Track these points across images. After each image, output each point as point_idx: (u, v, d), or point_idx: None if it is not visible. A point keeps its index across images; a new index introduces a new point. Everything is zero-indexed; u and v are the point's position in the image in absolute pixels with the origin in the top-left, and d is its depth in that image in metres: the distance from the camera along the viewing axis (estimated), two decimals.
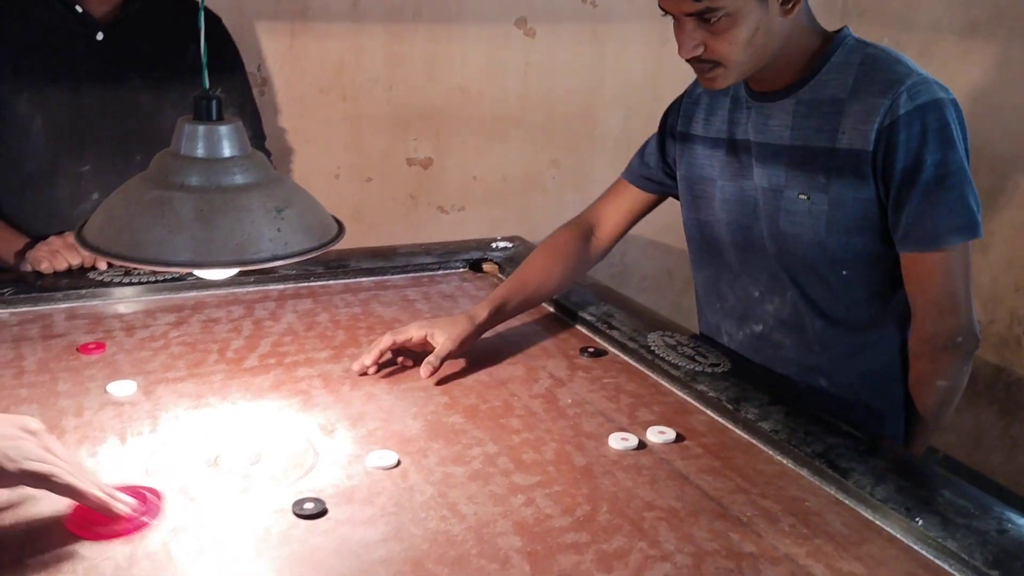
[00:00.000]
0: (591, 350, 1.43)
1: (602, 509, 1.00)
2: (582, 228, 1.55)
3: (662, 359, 1.36)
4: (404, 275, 1.77)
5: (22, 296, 1.48)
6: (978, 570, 0.89)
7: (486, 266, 1.85)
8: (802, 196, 1.28)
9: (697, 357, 1.37)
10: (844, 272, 1.30)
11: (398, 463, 1.07)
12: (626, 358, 1.41)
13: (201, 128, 0.93)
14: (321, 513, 0.96)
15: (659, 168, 1.52)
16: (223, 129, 0.94)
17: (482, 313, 1.40)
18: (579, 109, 2.91)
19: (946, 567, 0.92)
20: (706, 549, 0.94)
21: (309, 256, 0.94)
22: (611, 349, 1.45)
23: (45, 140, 1.65)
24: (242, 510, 0.97)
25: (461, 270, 1.82)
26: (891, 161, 1.21)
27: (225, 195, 0.91)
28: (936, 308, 1.26)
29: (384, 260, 1.79)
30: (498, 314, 1.43)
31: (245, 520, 0.95)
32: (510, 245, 1.91)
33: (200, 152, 0.93)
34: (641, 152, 1.56)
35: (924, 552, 0.94)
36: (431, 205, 2.83)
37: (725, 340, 1.48)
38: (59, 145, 1.65)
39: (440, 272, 1.80)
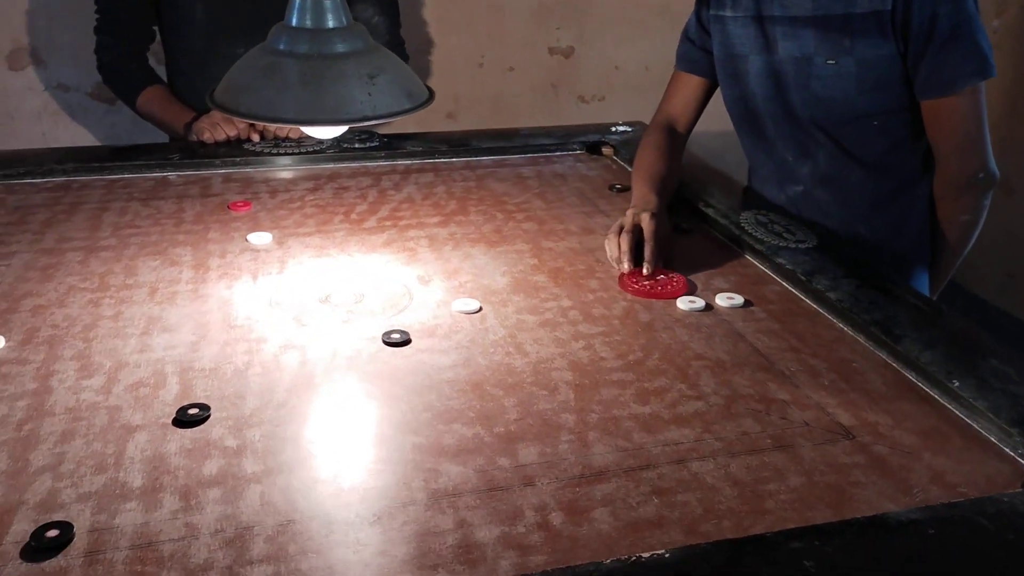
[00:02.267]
0: (684, 226, 1.50)
1: (653, 356, 1.10)
2: (664, 127, 1.66)
3: (749, 235, 1.41)
4: (522, 155, 1.88)
5: (186, 161, 1.72)
6: (1001, 427, 0.93)
7: (604, 149, 1.92)
8: (830, 61, 1.40)
9: (785, 234, 1.41)
10: (875, 123, 1.42)
11: (479, 309, 1.21)
12: (716, 233, 1.47)
13: (309, 2, 1.06)
14: (405, 343, 1.12)
15: (703, 52, 1.62)
16: (327, 3, 1.07)
17: (653, 196, 1.43)
18: None
19: (972, 423, 0.96)
20: (741, 393, 1.02)
21: (397, 117, 1.06)
22: (704, 225, 1.51)
23: (205, 25, 1.86)
24: (342, 336, 1.14)
25: (578, 152, 1.91)
26: (908, 17, 1.32)
27: (325, 62, 1.04)
28: (956, 149, 1.39)
29: (504, 140, 1.90)
30: (663, 194, 1.46)
31: (343, 344, 1.12)
32: (629, 129, 1.97)
33: (307, 23, 1.06)
34: (684, 39, 1.67)
35: (954, 410, 0.98)
36: (572, 95, 2.90)
37: (774, 203, 1.60)
38: (217, 30, 1.86)
39: (557, 153, 1.90)
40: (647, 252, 1.30)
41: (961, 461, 0.91)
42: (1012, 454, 0.92)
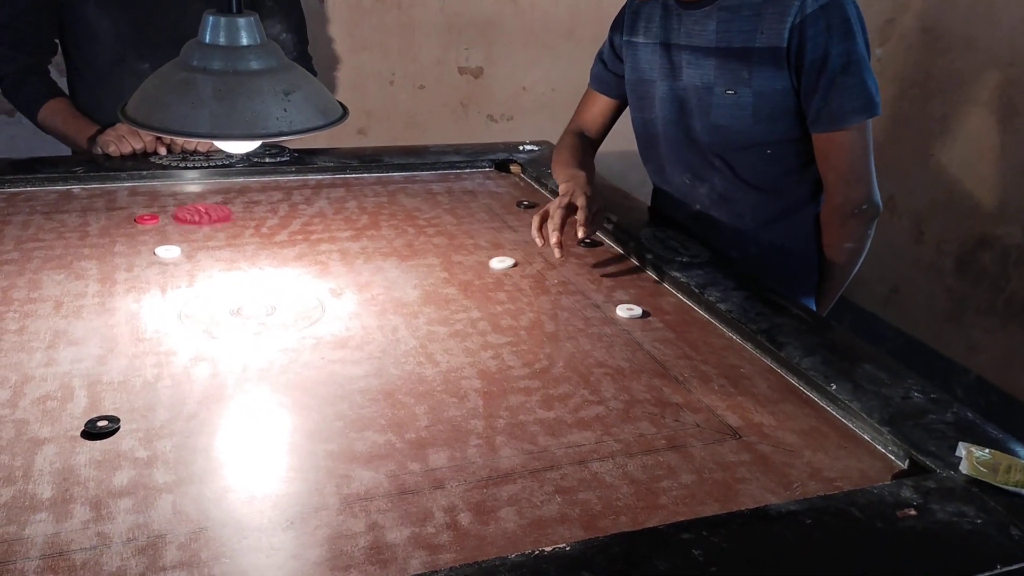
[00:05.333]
0: (588, 241, 1.57)
1: (558, 364, 1.15)
2: (577, 132, 1.77)
3: (648, 250, 1.49)
4: (432, 171, 1.92)
5: (91, 174, 1.70)
6: (873, 427, 1.02)
7: (512, 167, 1.98)
8: (729, 91, 1.47)
9: (680, 249, 1.49)
10: (768, 151, 1.51)
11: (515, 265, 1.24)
12: (617, 248, 1.55)
13: (223, 19, 1.08)
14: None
15: (614, 75, 1.71)
16: (241, 21, 1.09)
17: (580, 171, 1.58)
18: None
19: (847, 423, 1.05)
20: (638, 398, 1.08)
21: (311, 133, 1.09)
22: (606, 241, 1.58)
23: (111, 41, 1.84)
24: (254, 348, 1.16)
25: (487, 169, 1.96)
26: (802, 54, 1.40)
27: (240, 78, 1.06)
28: (843, 180, 1.47)
29: (415, 157, 1.94)
30: (587, 172, 1.60)
31: (255, 355, 1.14)
32: (536, 148, 2.04)
33: (221, 40, 1.08)
34: (598, 60, 1.75)
35: (832, 411, 1.07)
36: (481, 114, 2.96)
37: (673, 220, 1.69)
38: (123, 44, 1.85)
39: (467, 171, 1.95)
40: (580, 216, 1.41)
41: (838, 458, 0.99)
42: (883, 451, 1.00)
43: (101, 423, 0.97)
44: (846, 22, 1.38)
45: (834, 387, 1.08)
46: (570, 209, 1.43)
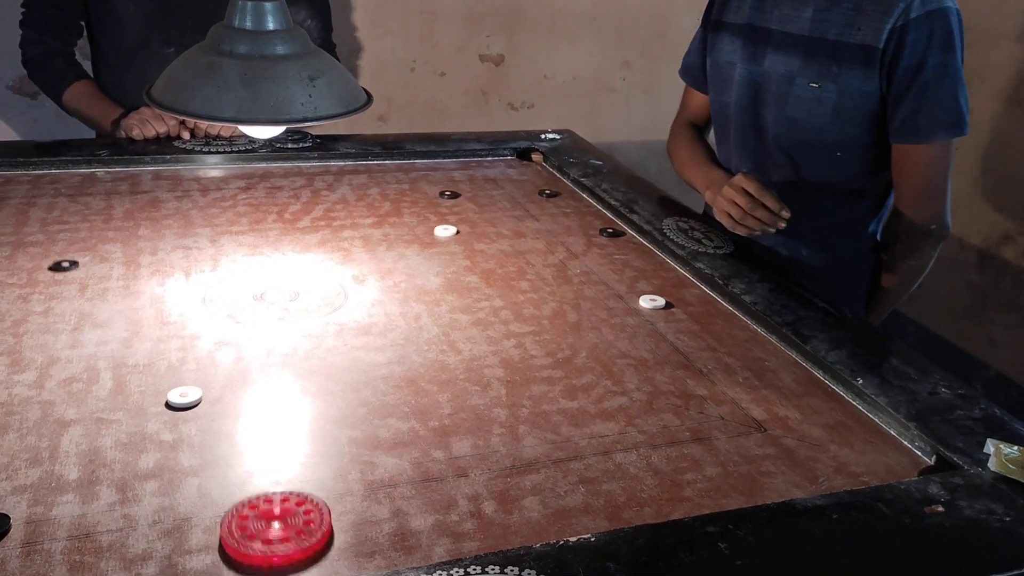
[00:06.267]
0: (610, 231, 1.56)
1: (580, 354, 1.15)
2: (687, 123, 1.73)
3: (671, 240, 1.48)
4: (454, 159, 1.92)
5: (116, 158, 1.70)
6: (900, 421, 1.01)
7: (533, 155, 1.97)
8: (813, 84, 1.41)
9: (704, 240, 1.48)
10: (838, 154, 1.44)
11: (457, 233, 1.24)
12: (640, 239, 1.54)
13: (249, 3, 1.07)
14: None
15: (701, 66, 1.64)
16: (268, 5, 1.08)
17: (717, 169, 1.57)
18: (653, 11, 2.94)
19: (873, 418, 1.04)
20: (662, 390, 1.08)
21: (335, 119, 1.09)
22: (628, 231, 1.57)
23: (137, 23, 1.84)
24: (277, 333, 1.16)
25: (508, 157, 1.96)
26: (898, 59, 1.33)
27: (265, 63, 1.06)
28: (916, 196, 1.40)
29: (436, 144, 1.94)
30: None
31: (278, 341, 1.14)
32: (558, 137, 2.03)
33: (248, 25, 1.08)
34: (689, 51, 1.69)
35: (858, 405, 1.06)
36: (501, 102, 2.94)
37: None
38: (149, 28, 1.85)
39: (488, 159, 1.94)
40: (771, 203, 1.36)
41: (863, 452, 0.98)
42: (909, 446, 0.99)
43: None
44: (948, 33, 1.32)
45: (860, 381, 1.07)
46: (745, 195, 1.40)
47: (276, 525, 0.79)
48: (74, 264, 1.06)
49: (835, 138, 1.42)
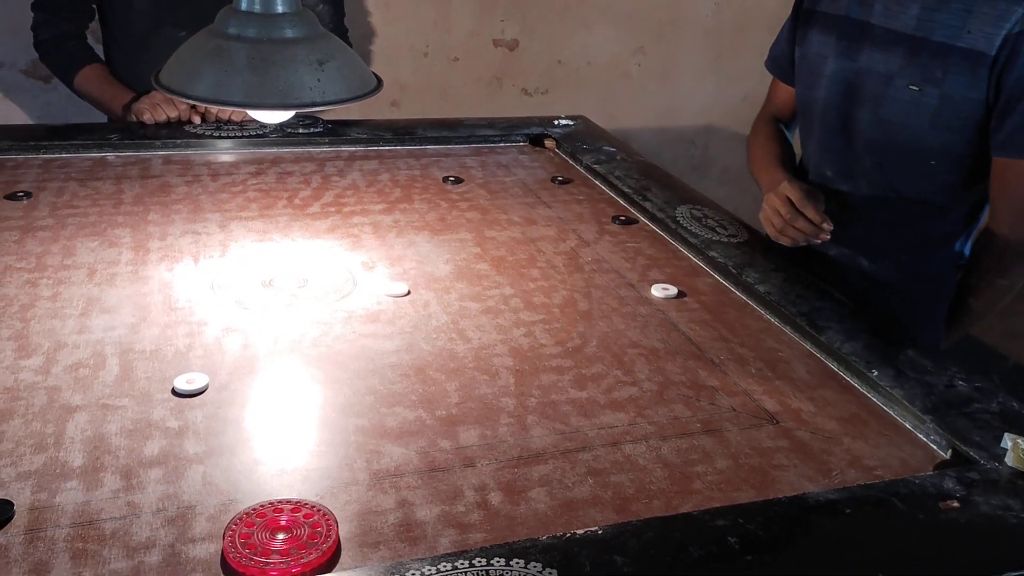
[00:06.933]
0: (622, 219, 1.54)
1: (591, 344, 1.14)
2: (769, 118, 1.65)
3: (684, 228, 1.46)
4: (466, 145, 1.90)
5: (126, 142, 1.69)
6: (915, 415, 0.99)
7: (547, 142, 1.95)
8: (913, 87, 1.32)
9: (718, 228, 1.46)
10: (933, 163, 1.35)
11: (408, 293, 1.23)
12: (653, 227, 1.52)
13: None
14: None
15: (790, 59, 1.55)
16: None
17: (779, 173, 1.47)
18: None
19: (888, 411, 1.02)
20: (673, 380, 1.06)
21: (345, 104, 1.07)
22: (641, 218, 1.55)
23: (148, 8, 1.83)
24: (285, 320, 1.15)
25: (521, 144, 1.94)
26: (1010, 67, 1.24)
27: (274, 46, 1.04)
28: (1014, 212, 1.32)
29: (448, 130, 1.92)
30: (784, 167, 1.50)
31: (286, 328, 1.13)
32: (571, 123, 2.00)
33: (256, 8, 1.06)
34: (777, 42, 1.60)
35: (873, 398, 1.04)
36: (515, 87, 2.92)
37: None
38: (160, 12, 1.84)
39: (500, 144, 1.92)
40: (812, 214, 1.32)
41: (878, 446, 0.96)
42: (925, 440, 0.98)
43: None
44: None
45: (875, 373, 1.05)
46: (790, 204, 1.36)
47: (280, 536, 0.77)
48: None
49: (931, 146, 1.33)
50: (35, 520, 0.78)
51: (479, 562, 0.72)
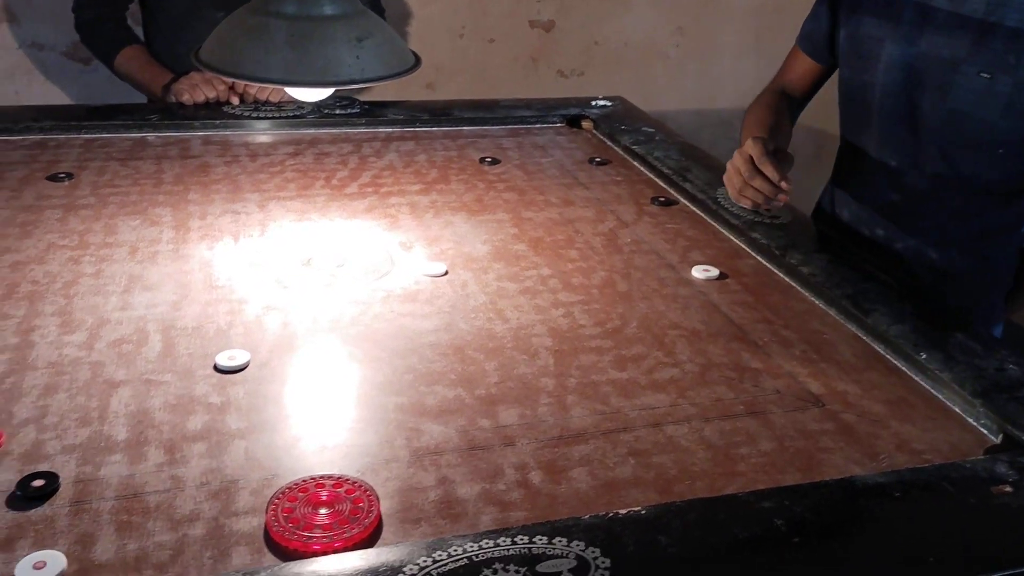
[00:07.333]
0: (662, 199, 1.52)
1: (631, 325, 1.12)
2: (777, 90, 1.57)
3: (726, 209, 1.43)
4: (503, 126, 1.88)
5: (166, 123, 1.70)
6: (965, 398, 0.96)
7: (584, 123, 1.93)
8: (984, 74, 1.25)
9: (760, 209, 1.43)
10: (1001, 151, 1.29)
11: (446, 272, 1.22)
12: (693, 208, 1.50)
13: None
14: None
15: (826, 38, 1.48)
16: None
17: (757, 132, 1.37)
18: None
19: (937, 395, 0.99)
20: (715, 362, 1.05)
21: (384, 81, 1.07)
22: (681, 199, 1.53)
23: None
24: (324, 299, 1.15)
25: (558, 125, 1.92)
26: None
27: (313, 24, 1.04)
28: None
29: (485, 111, 1.91)
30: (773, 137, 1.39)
31: (325, 306, 1.13)
32: (608, 104, 1.98)
33: None
34: (812, 16, 1.52)
35: (920, 381, 1.02)
36: (551, 69, 2.89)
37: (859, 206, 1.48)
38: None
39: (537, 126, 1.91)
40: (770, 171, 1.22)
41: (926, 429, 0.94)
42: (975, 424, 0.95)
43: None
44: None
45: (924, 356, 1.03)
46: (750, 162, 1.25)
47: (323, 511, 0.77)
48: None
49: (1003, 135, 1.26)
50: (80, 492, 0.79)
51: (521, 539, 0.71)
